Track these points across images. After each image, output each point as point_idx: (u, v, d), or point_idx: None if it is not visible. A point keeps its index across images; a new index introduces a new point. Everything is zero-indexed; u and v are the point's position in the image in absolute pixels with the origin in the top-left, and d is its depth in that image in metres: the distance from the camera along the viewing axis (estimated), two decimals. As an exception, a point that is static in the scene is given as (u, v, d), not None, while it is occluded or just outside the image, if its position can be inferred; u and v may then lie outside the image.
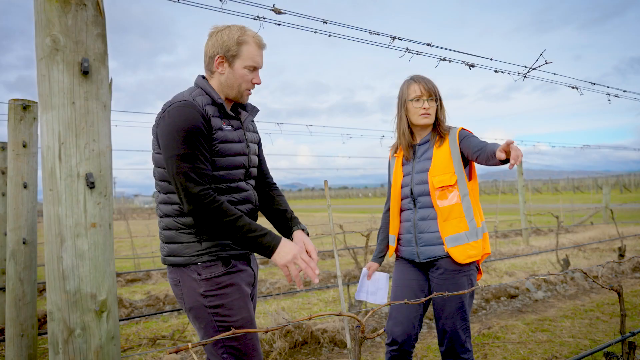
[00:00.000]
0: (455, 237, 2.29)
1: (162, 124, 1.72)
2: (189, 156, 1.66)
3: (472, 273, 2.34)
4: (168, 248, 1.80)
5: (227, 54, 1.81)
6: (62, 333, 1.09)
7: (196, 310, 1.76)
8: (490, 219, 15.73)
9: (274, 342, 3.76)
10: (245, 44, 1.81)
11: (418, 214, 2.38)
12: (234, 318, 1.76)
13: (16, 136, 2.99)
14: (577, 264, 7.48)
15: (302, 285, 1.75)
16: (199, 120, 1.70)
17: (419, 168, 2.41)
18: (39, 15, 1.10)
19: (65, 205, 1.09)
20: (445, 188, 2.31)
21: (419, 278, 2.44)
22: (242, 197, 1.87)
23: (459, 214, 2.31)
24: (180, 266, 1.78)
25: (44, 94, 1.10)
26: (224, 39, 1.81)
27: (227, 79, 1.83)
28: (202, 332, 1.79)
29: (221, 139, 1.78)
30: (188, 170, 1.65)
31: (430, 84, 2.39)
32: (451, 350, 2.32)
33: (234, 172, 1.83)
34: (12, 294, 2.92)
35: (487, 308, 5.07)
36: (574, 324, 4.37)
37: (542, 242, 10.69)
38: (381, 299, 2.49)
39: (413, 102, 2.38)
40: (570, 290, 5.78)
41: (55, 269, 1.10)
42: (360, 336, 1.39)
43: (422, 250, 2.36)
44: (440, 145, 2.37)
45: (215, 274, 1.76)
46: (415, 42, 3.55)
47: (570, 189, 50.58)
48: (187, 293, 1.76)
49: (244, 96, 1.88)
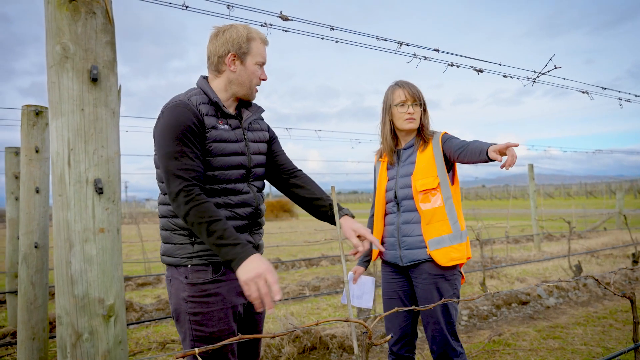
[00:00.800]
0: (437, 239, 2.31)
1: (156, 125, 1.73)
2: (176, 154, 1.65)
3: (455, 277, 2.36)
4: (164, 248, 1.81)
5: (239, 52, 1.80)
6: (70, 337, 1.10)
7: (178, 313, 1.76)
8: (501, 224, 15.59)
9: (283, 347, 3.76)
10: (254, 41, 1.83)
11: (402, 218, 2.41)
12: (211, 329, 1.72)
13: (29, 141, 3.03)
14: (590, 270, 7.38)
15: (261, 308, 1.66)
16: (190, 119, 1.69)
17: (403, 172, 2.44)
18: (49, 24, 1.12)
19: (74, 210, 1.10)
20: (428, 191, 2.34)
21: (404, 285, 2.47)
22: (240, 200, 1.82)
23: (442, 216, 2.33)
24: (173, 266, 1.78)
25: (54, 100, 1.12)
26: (234, 37, 1.80)
27: (239, 76, 1.83)
28: (182, 336, 1.78)
29: (215, 138, 1.75)
30: (174, 168, 1.64)
31: (415, 89, 2.43)
32: (444, 356, 2.35)
33: (230, 173, 1.79)
34: (24, 297, 2.95)
35: (498, 314, 5.02)
36: (586, 331, 4.31)
37: (554, 248, 10.57)
38: (367, 303, 2.50)
39: (398, 107, 2.41)
40: (583, 297, 5.70)
41: (63, 274, 1.11)
42: (367, 342, 1.38)
43: (405, 254, 2.38)
44: (424, 150, 2.40)
45: (202, 280, 1.73)
46: (423, 48, 3.54)
47: (583, 194, 49.99)
48: (174, 294, 1.76)
49: (254, 92, 1.89)
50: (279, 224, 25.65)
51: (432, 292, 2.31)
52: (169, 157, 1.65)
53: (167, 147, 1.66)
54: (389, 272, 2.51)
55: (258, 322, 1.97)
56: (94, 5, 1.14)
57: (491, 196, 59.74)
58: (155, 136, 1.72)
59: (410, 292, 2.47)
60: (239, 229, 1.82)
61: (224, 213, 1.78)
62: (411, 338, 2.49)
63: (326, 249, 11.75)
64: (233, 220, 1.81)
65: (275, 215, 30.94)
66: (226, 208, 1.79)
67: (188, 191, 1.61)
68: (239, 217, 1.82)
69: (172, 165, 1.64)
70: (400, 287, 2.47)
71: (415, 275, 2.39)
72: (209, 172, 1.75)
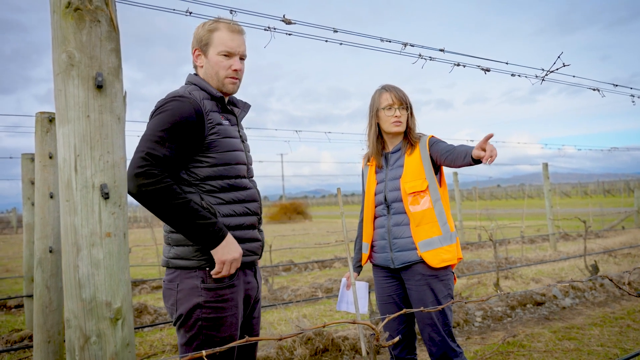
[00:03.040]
0: (427, 241, 2.33)
1: (154, 113, 1.67)
2: (159, 140, 1.58)
3: (448, 278, 2.37)
4: (175, 251, 1.72)
5: (201, 45, 1.80)
6: (78, 340, 1.12)
7: (187, 319, 1.68)
8: (516, 224, 15.41)
9: (295, 350, 3.77)
10: (217, 31, 1.78)
11: (392, 220, 2.42)
12: (222, 335, 1.69)
13: (43, 148, 3.09)
14: (607, 269, 7.26)
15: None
16: (191, 114, 1.65)
17: (391, 175, 2.45)
18: (55, 32, 1.14)
19: (81, 215, 1.12)
20: (417, 194, 2.36)
21: (397, 288, 2.47)
22: (247, 195, 1.80)
23: (431, 219, 2.35)
24: (185, 270, 1.70)
25: (61, 108, 1.14)
26: (198, 32, 1.81)
27: (206, 69, 1.81)
28: (183, 340, 1.70)
29: (222, 133, 1.73)
30: (148, 149, 1.55)
31: (401, 92, 2.45)
32: (444, 357, 2.34)
33: (237, 167, 1.77)
34: (39, 301, 3.01)
35: (513, 315, 4.96)
36: (603, 332, 4.24)
37: (570, 248, 10.41)
38: (362, 308, 2.49)
39: (385, 111, 2.43)
40: (600, 297, 5.61)
41: (71, 278, 1.13)
42: (375, 344, 1.38)
43: (396, 256, 2.39)
44: (412, 153, 2.43)
45: (220, 285, 1.69)
46: (428, 48, 3.53)
47: (601, 192, 49.18)
48: (183, 299, 1.68)
49: (226, 85, 1.82)
50: (293, 226, 25.69)
51: (426, 293, 2.32)
52: (147, 139, 1.58)
53: (152, 131, 1.60)
54: (382, 276, 2.51)
55: (254, 326, 1.94)
56: (98, 13, 1.16)
57: (506, 196, 59.13)
58: (149, 123, 1.66)
59: (404, 295, 2.47)
60: (250, 225, 1.81)
61: (237, 209, 1.75)
62: (411, 340, 2.49)
63: (339, 251, 11.74)
64: (245, 216, 1.78)
65: (288, 218, 31.00)
66: (239, 204, 1.76)
67: (153, 172, 1.54)
68: (251, 212, 1.80)
69: (145, 147, 1.56)
70: (394, 291, 2.47)
71: (407, 277, 2.39)
72: (215, 169, 1.72)
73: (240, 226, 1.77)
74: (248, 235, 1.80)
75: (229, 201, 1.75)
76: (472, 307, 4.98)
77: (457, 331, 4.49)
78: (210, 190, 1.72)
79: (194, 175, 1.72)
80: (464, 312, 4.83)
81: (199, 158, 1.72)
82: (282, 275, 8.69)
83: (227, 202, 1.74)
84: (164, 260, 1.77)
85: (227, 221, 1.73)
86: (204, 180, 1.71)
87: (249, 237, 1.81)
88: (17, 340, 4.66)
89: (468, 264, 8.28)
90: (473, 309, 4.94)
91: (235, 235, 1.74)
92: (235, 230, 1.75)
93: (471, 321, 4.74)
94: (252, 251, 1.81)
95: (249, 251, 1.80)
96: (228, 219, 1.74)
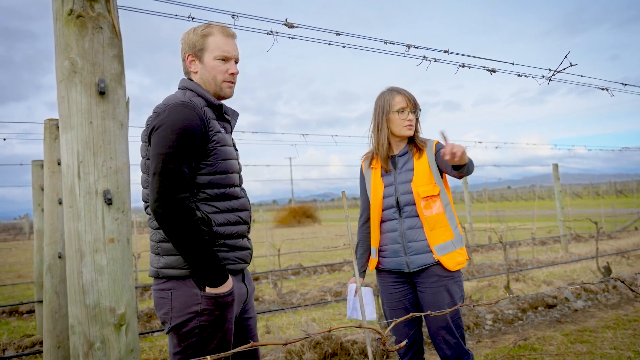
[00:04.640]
0: (443, 245, 2.34)
1: (158, 123, 1.62)
2: (177, 157, 1.56)
3: (461, 280, 2.40)
4: (166, 260, 1.69)
5: (195, 50, 1.79)
6: (82, 346, 1.12)
7: (183, 327, 1.65)
8: (526, 225, 15.27)
9: (304, 354, 3.75)
10: (211, 35, 1.78)
11: (405, 224, 2.39)
12: (218, 341, 1.68)
13: (51, 154, 3.12)
14: (620, 271, 7.16)
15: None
16: (197, 123, 1.64)
17: (401, 179, 2.43)
18: (58, 39, 1.15)
19: (84, 221, 1.13)
20: (429, 198, 2.37)
21: (408, 293, 2.45)
22: (240, 204, 1.80)
23: (444, 223, 2.37)
24: (179, 278, 1.67)
25: (64, 114, 1.15)
26: (190, 37, 1.80)
27: (202, 75, 1.80)
28: (176, 349, 1.67)
29: (221, 142, 1.73)
30: (172, 171, 1.55)
31: (413, 96, 2.45)
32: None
33: (232, 176, 1.77)
34: (48, 306, 3.03)
35: (524, 318, 4.90)
36: (616, 334, 4.17)
37: (582, 249, 10.29)
38: (369, 315, 2.46)
39: (398, 114, 2.40)
40: (613, 300, 5.53)
41: (75, 284, 1.13)
42: (381, 349, 1.36)
43: (412, 260, 2.36)
44: (420, 157, 2.43)
45: (220, 292, 1.66)
46: (432, 50, 3.51)
47: (613, 192, 48.59)
48: (179, 307, 1.65)
49: (224, 89, 1.82)
50: (302, 229, 25.69)
51: (443, 295, 2.31)
52: (168, 158, 1.56)
53: (166, 147, 1.56)
54: (391, 281, 2.47)
55: (250, 329, 1.92)
56: (100, 20, 1.17)
57: (517, 197, 58.64)
58: (155, 135, 1.61)
59: (415, 300, 2.45)
60: (241, 234, 1.82)
61: (231, 218, 1.77)
62: (420, 345, 2.47)
63: (348, 254, 11.70)
64: (237, 225, 1.79)
65: (297, 221, 31.01)
66: (232, 212, 1.77)
67: (187, 201, 1.56)
68: (242, 221, 1.81)
69: (169, 167, 1.55)
70: (404, 296, 2.44)
71: (422, 280, 2.36)
72: (212, 177, 1.71)
73: (232, 235, 1.77)
74: (239, 244, 1.81)
75: (223, 210, 1.75)
76: (483, 310, 4.93)
77: (467, 334, 4.44)
78: (205, 198, 1.71)
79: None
80: (475, 315, 4.78)
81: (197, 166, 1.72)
82: (291, 279, 8.69)
83: (221, 211, 1.74)
84: (153, 271, 1.73)
85: (221, 230, 1.73)
86: (200, 189, 1.70)
87: (240, 245, 1.81)
88: (28, 345, 4.69)
89: (478, 267, 8.21)
90: (483, 312, 4.90)
91: (227, 244, 1.75)
92: (227, 239, 1.76)
93: (482, 324, 4.69)
94: (242, 259, 1.82)
95: (240, 259, 1.80)
96: (222, 227, 1.74)
